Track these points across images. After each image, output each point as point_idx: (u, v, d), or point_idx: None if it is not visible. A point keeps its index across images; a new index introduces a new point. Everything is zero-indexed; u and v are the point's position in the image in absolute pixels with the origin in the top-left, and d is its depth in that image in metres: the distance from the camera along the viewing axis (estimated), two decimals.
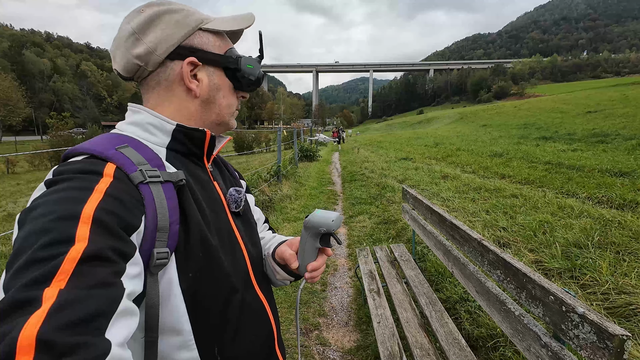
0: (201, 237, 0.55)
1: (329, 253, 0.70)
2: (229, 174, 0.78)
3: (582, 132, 12.42)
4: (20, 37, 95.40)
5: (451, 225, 1.80)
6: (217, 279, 0.56)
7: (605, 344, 0.78)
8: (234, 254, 0.63)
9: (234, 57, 0.64)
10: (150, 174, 0.50)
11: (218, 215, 0.62)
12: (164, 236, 0.49)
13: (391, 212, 4.87)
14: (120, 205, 0.44)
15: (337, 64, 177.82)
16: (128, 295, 0.39)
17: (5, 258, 4.06)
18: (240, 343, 0.60)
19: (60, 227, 0.38)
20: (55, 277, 0.34)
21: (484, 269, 1.41)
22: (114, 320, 0.36)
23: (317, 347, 2.28)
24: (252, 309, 0.64)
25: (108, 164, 0.48)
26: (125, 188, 0.47)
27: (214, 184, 0.66)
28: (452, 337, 1.62)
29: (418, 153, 12.06)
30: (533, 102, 33.28)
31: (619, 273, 2.37)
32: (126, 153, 0.51)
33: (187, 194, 0.56)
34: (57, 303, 0.32)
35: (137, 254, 0.44)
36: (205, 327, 0.54)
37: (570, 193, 4.84)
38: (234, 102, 0.67)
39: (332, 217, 0.67)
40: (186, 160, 0.61)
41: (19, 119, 44.24)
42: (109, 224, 0.41)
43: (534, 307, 1.05)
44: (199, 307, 0.53)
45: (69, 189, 0.42)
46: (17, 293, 0.32)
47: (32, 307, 0.31)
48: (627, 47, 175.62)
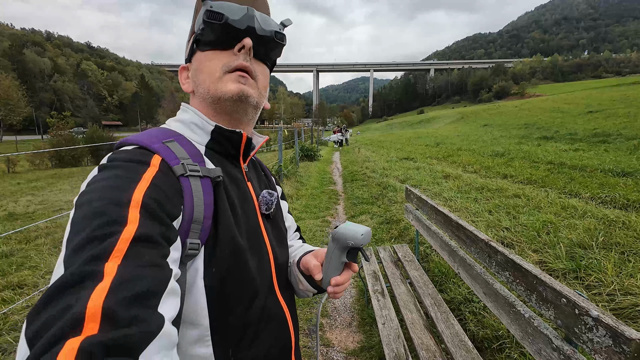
0: (230, 236, 0.56)
1: (355, 269, 0.67)
2: (264, 176, 0.78)
3: (584, 132, 12.38)
4: (21, 37, 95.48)
5: (457, 226, 1.79)
6: (241, 280, 0.57)
7: (622, 348, 0.76)
8: (261, 257, 0.63)
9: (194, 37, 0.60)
10: (191, 168, 0.53)
11: (249, 216, 0.63)
12: (198, 228, 0.51)
13: (393, 212, 4.86)
14: (164, 194, 0.47)
15: (338, 64, 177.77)
16: (173, 277, 0.41)
17: (6, 258, 4.05)
18: (256, 348, 0.60)
19: (114, 209, 0.40)
20: (112, 255, 0.36)
21: (492, 270, 1.40)
22: (164, 298, 0.38)
23: (321, 349, 2.26)
24: (273, 316, 0.63)
25: (155, 155, 0.51)
26: (168, 179, 0.50)
27: (247, 185, 0.66)
28: (459, 338, 1.60)
29: (419, 153, 12.03)
30: (534, 101, 33.23)
31: (624, 274, 2.35)
32: (171, 147, 0.55)
33: (221, 192, 0.57)
34: (118, 278, 0.34)
35: (178, 240, 0.47)
36: (223, 326, 0.54)
37: (573, 193, 4.81)
38: (215, 65, 0.58)
39: (362, 231, 0.64)
40: (223, 159, 0.63)
41: (20, 119, 44.20)
42: (156, 210, 0.43)
43: (545, 310, 1.04)
44: (220, 304, 0.53)
45: (119, 176, 0.45)
46: (80, 267, 0.35)
47: (96, 280, 0.33)
48: (628, 46, 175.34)
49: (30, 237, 4.92)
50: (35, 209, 7.77)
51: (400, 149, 14.44)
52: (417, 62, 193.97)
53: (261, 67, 0.64)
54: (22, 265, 3.74)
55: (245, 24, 0.58)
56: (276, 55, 0.67)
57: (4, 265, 3.74)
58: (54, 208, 7.67)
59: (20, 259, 3.94)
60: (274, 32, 0.62)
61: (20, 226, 5.71)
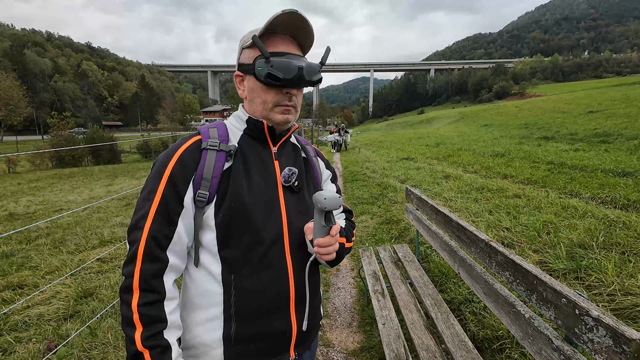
0: (238, 192, 0.78)
1: (332, 233, 0.78)
2: (304, 159, 0.96)
3: (584, 132, 12.36)
4: (22, 37, 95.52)
5: (457, 226, 1.79)
6: (243, 227, 0.78)
7: (622, 349, 0.76)
8: (270, 215, 0.81)
9: (252, 62, 0.80)
10: (211, 144, 0.80)
11: (267, 184, 0.83)
12: (207, 184, 0.77)
13: (393, 212, 4.86)
14: (183, 165, 0.77)
15: (338, 64, 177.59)
16: (180, 228, 0.76)
17: (7, 258, 4.05)
18: (254, 282, 0.78)
19: (153, 182, 0.76)
20: (149, 215, 0.73)
21: (492, 270, 1.40)
22: (171, 245, 0.75)
23: (321, 349, 2.26)
24: (274, 263, 0.80)
25: (197, 136, 0.83)
26: (192, 153, 0.79)
27: (274, 162, 0.87)
28: (459, 339, 1.60)
29: (419, 153, 12.03)
30: (534, 102, 33.20)
31: (624, 274, 2.34)
32: (210, 131, 0.84)
33: (238, 161, 0.81)
34: (149, 235, 0.73)
35: (190, 189, 0.77)
36: (228, 256, 0.78)
37: (574, 193, 4.81)
38: (269, 99, 0.81)
39: (326, 195, 0.73)
40: (254, 141, 0.86)
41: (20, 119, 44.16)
42: (176, 179, 0.76)
43: (545, 310, 1.04)
44: (224, 240, 0.78)
45: (166, 154, 0.79)
46: (134, 219, 0.75)
47: (140, 230, 0.73)
48: (628, 47, 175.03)
49: (30, 238, 4.92)
50: (36, 209, 7.77)
51: (400, 149, 14.44)
52: (417, 62, 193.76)
53: (300, 92, 0.85)
54: (22, 266, 3.74)
55: (296, 80, 0.78)
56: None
57: (5, 266, 3.74)
58: (54, 208, 7.68)
59: (20, 259, 3.94)
60: (314, 81, 0.81)
61: (21, 226, 5.72)
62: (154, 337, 0.69)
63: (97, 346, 2.17)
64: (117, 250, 3.92)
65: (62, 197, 9.22)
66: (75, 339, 2.22)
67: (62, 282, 3.07)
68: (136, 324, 0.69)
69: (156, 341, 0.69)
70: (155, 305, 0.71)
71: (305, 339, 0.88)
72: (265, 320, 0.79)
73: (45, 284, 3.11)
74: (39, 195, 10.17)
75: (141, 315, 0.69)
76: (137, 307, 0.69)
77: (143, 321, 0.69)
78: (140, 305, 0.69)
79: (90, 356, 2.09)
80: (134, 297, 0.70)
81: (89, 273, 3.38)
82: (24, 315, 2.60)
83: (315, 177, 0.97)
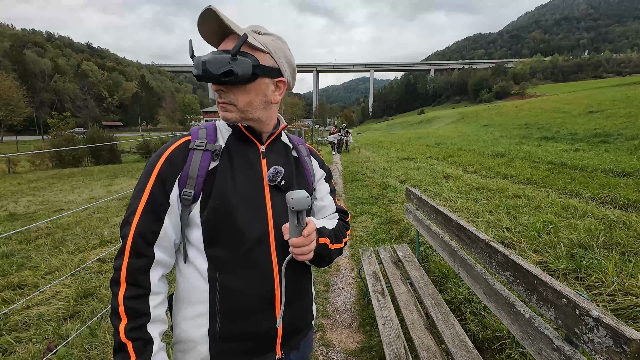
0: (222, 192, 0.79)
1: (304, 233, 0.76)
2: (294, 159, 0.95)
3: (584, 132, 12.37)
4: (22, 37, 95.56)
5: (457, 226, 1.79)
6: (227, 226, 0.78)
7: (622, 349, 0.76)
8: (256, 215, 0.81)
9: None
10: (198, 144, 0.81)
11: (253, 183, 0.83)
12: (192, 182, 0.78)
13: (393, 213, 4.86)
14: (171, 164, 0.79)
15: (338, 64, 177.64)
16: (167, 225, 0.78)
17: (7, 258, 4.05)
18: (238, 280, 0.79)
19: (143, 180, 0.78)
20: (137, 211, 0.76)
21: (492, 270, 1.40)
22: (158, 241, 0.77)
23: (321, 349, 2.26)
24: (259, 263, 0.80)
25: (187, 136, 0.84)
26: (180, 152, 0.80)
27: (262, 161, 0.86)
28: (459, 339, 1.60)
29: (419, 153, 12.03)
30: (534, 102, 33.20)
31: (625, 274, 2.35)
32: (199, 132, 0.85)
33: (224, 161, 0.82)
34: (136, 230, 0.75)
35: (176, 187, 0.78)
36: (213, 253, 0.79)
37: (574, 193, 4.81)
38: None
39: (292, 195, 0.72)
40: (241, 141, 0.86)
41: (20, 119, 44.26)
42: (163, 177, 0.78)
43: (546, 310, 1.03)
44: (209, 237, 0.79)
45: (157, 153, 0.81)
46: (127, 214, 0.77)
47: (129, 226, 0.75)
48: (628, 47, 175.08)
49: (30, 238, 4.92)
50: (36, 209, 7.77)
51: (400, 149, 14.44)
52: (417, 62, 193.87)
53: (240, 90, 0.79)
54: (22, 266, 3.74)
55: (207, 75, 0.75)
56: (245, 76, 0.76)
57: (5, 266, 3.74)
58: (54, 208, 7.67)
59: (20, 260, 3.94)
60: (220, 76, 0.74)
61: (21, 226, 5.72)
62: (138, 330, 0.72)
63: (97, 346, 2.17)
64: (117, 250, 3.92)
65: (62, 197, 9.22)
66: (75, 339, 2.22)
67: (62, 282, 3.07)
68: (121, 316, 0.72)
69: (139, 334, 0.72)
70: (140, 299, 0.74)
71: (291, 338, 0.88)
72: (250, 319, 0.80)
73: (45, 284, 3.10)
74: (39, 195, 10.17)
75: (126, 307, 0.72)
76: (123, 300, 0.72)
77: (128, 313, 0.72)
78: (126, 298, 0.72)
79: (90, 356, 2.09)
80: (121, 290, 0.73)
81: (89, 273, 3.38)
82: (24, 316, 2.60)
83: (307, 176, 0.96)
